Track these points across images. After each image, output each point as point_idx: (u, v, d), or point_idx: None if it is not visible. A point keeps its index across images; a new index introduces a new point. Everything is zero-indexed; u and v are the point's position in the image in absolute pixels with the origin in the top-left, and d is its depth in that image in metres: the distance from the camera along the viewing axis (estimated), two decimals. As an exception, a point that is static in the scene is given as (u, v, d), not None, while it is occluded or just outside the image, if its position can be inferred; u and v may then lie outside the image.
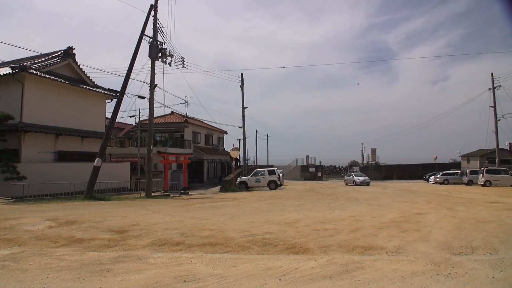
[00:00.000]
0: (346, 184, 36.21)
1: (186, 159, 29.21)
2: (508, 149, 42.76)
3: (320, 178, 50.99)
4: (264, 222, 9.41)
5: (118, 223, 9.03)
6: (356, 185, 34.21)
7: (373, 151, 57.21)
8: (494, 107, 36.35)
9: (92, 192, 17.08)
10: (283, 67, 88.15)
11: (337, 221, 9.47)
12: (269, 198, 18.02)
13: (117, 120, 20.22)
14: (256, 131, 62.08)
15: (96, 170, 17.29)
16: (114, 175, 21.91)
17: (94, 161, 17.49)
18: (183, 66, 22.65)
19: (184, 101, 35.59)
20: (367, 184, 34.12)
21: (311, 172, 51.65)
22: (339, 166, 66.63)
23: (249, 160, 49.44)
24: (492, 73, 36.52)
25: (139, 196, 19.69)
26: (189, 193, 24.48)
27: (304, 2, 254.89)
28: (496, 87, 36.23)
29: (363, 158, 59.72)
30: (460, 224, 8.83)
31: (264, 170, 29.10)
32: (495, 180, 29.78)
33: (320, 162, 55.42)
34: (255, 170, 30.62)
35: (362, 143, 62.69)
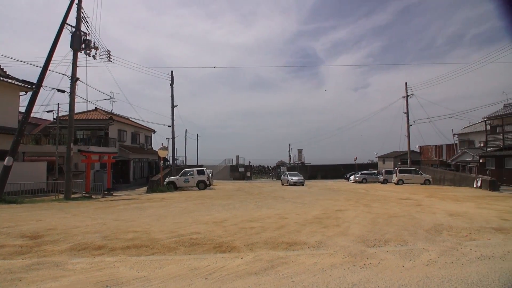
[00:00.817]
0: (282, 184, 35.31)
1: (111, 159, 27.80)
2: (418, 151, 47.41)
3: (249, 178, 51.82)
4: (191, 222, 9.34)
5: (32, 227, 8.34)
6: (289, 185, 33.16)
7: (300, 151, 59.48)
8: (407, 113, 39.99)
9: (2, 194, 15.51)
10: (214, 67, 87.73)
11: (264, 219, 9.74)
12: (197, 198, 17.89)
13: (32, 115, 18.61)
14: (186, 130, 61.27)
15: (6, 169, 15.73)
16: (28, 176, 20.07)
17: (4, 159, 15.88)
18: (109, 60, 21.52)
19: (110, 97, 33.86)
20: (302, 184, 33.13)
21: (241, 172, 52.27)
22: (268, 166, 68.29)
23: (178, 159, 48.57)
24: (406, 83, 40.19)
25: (57, 198, 18.28)
26: (113, 194, 23.30)
27: (238, 4, 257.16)
28: (409, 95, 39.99)
29: (290, 158, 61.81)
30: (375, 219, 9.60)
31: (193, 170, 28.78)
32: (407, 179, 32.79)
33: (250, 162, 56.31)
34: (184, 170, 30.12)
35: (289, 144, 64.87)
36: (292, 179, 33.79)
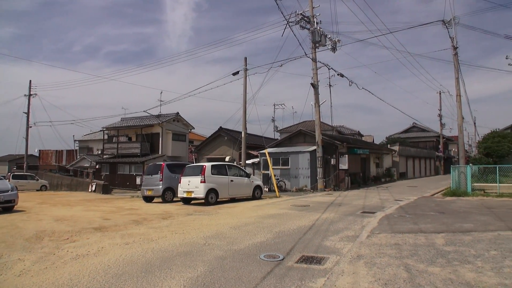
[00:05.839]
0: None
1: None
2: (38, 155, 44.82)
3: None
4: None
5: None
6: None
7: None
8: (28, 113, 37.09)
9: None
10: None
11: None
12: None
13: None
14: None
15: None
16: None
17: None
18: None
19: None
20: None
21: None
22: None
23: None
24: (30, 81, 37.43)
25: None
26: None
27: None
28: (32, 94, 37.34)
29: None
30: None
31: None
32: (22, 185, 29.98)
33: None
34: None
35: None
36: None
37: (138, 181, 28.12)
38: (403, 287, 4.17)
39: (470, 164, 20.18)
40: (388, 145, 39.96)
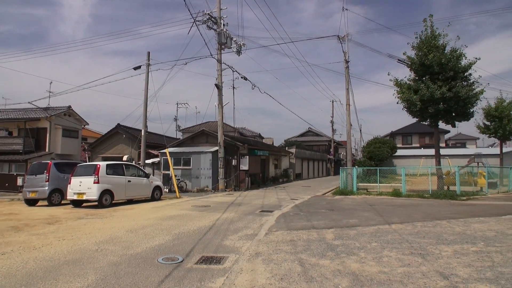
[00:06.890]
0: None
1: None
2: None
3: None
4: None
5: None
6: None
7: None
8: None
9: None
10: None
11: None
12: None
13: None
14: None
15: None
16: None
17: None
18: None
19: None
20: None
21: None
22: None
23: None
24: None
25: None
26: None
27: None
28: None
29: None
30: None
31: None
32: None
33: None
34: None
35: None
36: None
37: (19, 182, 24.96)
38: (297, 280, 4.42)
39: (356, 167, 22.36)
40: (286, 148, 42.15)
